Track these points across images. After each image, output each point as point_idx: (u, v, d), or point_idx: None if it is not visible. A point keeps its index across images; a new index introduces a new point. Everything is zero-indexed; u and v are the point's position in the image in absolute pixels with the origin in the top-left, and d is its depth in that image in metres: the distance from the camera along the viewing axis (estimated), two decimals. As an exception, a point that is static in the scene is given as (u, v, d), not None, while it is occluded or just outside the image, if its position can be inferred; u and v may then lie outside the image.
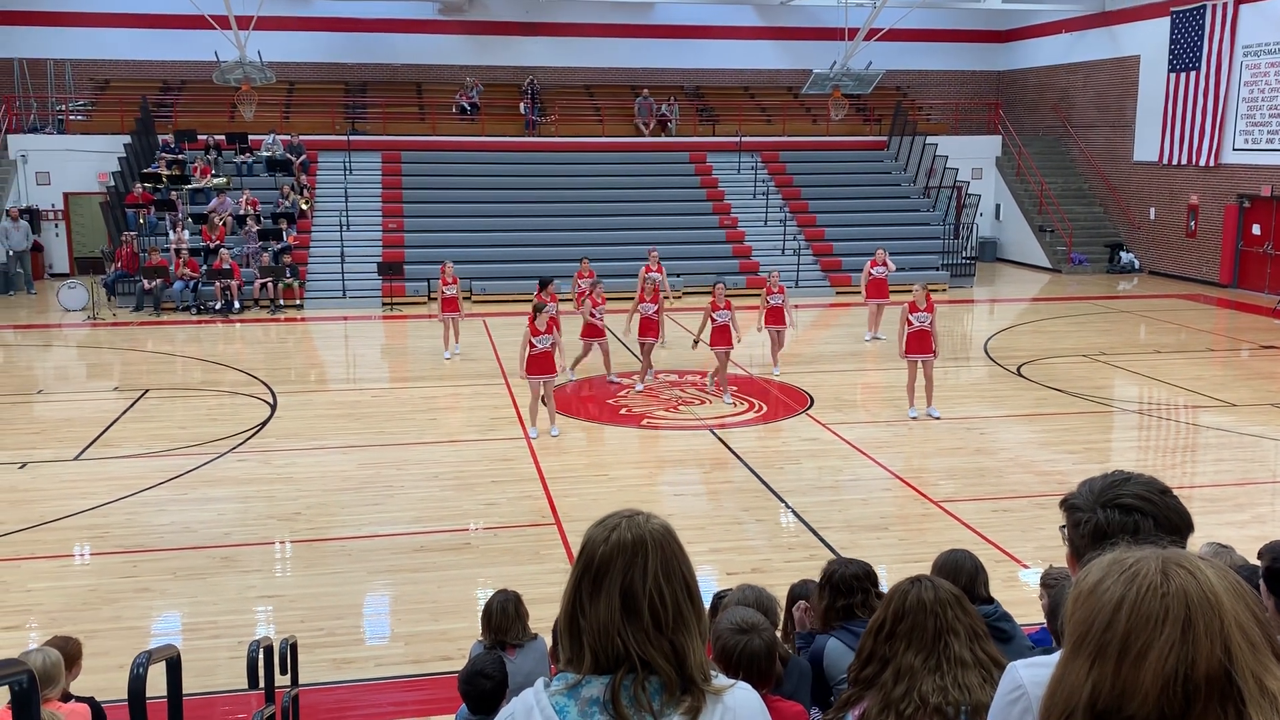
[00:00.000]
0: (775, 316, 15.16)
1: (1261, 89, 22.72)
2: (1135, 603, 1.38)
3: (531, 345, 12.19)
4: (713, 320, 13.72)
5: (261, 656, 5.51)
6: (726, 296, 13.96)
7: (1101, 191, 28.44)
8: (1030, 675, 1.92)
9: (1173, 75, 24.94)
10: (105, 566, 8.65)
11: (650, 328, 14.41)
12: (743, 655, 3.21)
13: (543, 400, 12.39)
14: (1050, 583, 4.54)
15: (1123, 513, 2.07)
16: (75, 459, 11.51)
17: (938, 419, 12.91)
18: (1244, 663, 1.34)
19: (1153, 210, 26.39)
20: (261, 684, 5.57)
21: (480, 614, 5.42)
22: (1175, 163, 25.19)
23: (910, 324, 12.83)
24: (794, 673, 3.69)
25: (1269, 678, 1.35)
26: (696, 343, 14.50)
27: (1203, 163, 24.27)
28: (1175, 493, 2.14)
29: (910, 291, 13.27)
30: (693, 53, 30.35)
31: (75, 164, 24.95)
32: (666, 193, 26.09)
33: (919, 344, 12.85)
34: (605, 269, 21.33)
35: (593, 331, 14.62)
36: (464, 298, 15.83)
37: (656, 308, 14.40)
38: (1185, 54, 24.56)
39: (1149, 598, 1.38)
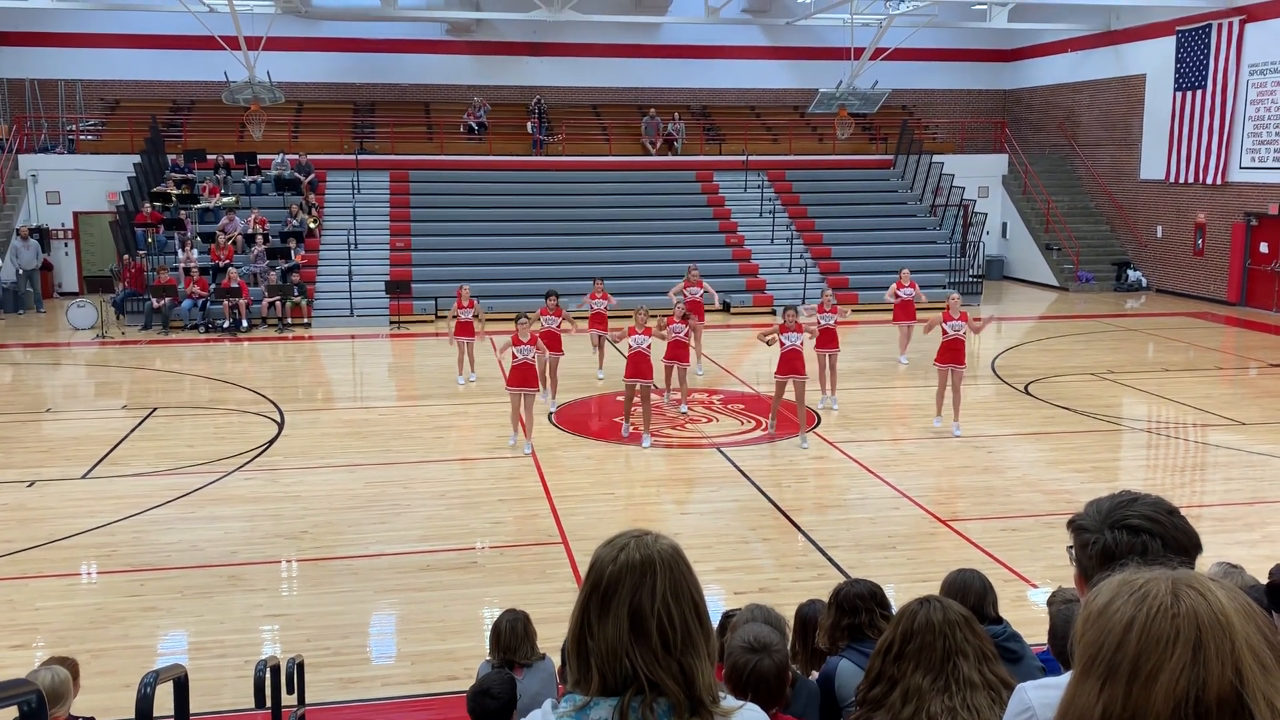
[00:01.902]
0: (828, 339, 14.07)
1: (1268, 107, 22.73)
2: (1146, 624, 1.38)
3: (513, 356, 12.21)
4: (781, 344, 12.45)
5: (268, 676, 5.50)
6: (798, 321, 12.51)
7: (1108, 209, 28.44)
8: (1039, 697, 1.91)
9: (1179, 94, 24.96)
10: (112, 585, 8.65)
11: (633, 362, 12.74)
12: (752, 675, 3.17)
13: (523, 413, 12.36)
14: (1052, 602, 4.52)
15: (1130, 534, 2.06)
16: (83, 477, 11.53)
17: (958, 436, 12.92)
18: (1255, 684, 1.34)
19: (1159, 228, 26.38)
20: (268, 703, 5.56)
21: (488, 633, 5.41)
22: (1182, 181, 25.19)
23: (945, 332, 12.98)
24: (802, 693, 3.67)
25: (1280, 700, 1.34)
26: (770, 339, 12.82)
27: (1209, 181, 24.27)
28: (1184, 512, 2.13)
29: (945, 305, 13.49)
30: (699, 72, 30.47)
31: (85, 183, 25.10)
32: (673, 211, 26.15)
33: (950, 353, 12.96)
34: (612, 287, 21.37)
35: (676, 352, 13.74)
36: (478, 317, 15.72)
37: (649, 342, 12.73)
38: (1191, 73, 24.59)
39: (1159, 619, 1.38)
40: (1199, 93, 24.32)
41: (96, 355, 19.00)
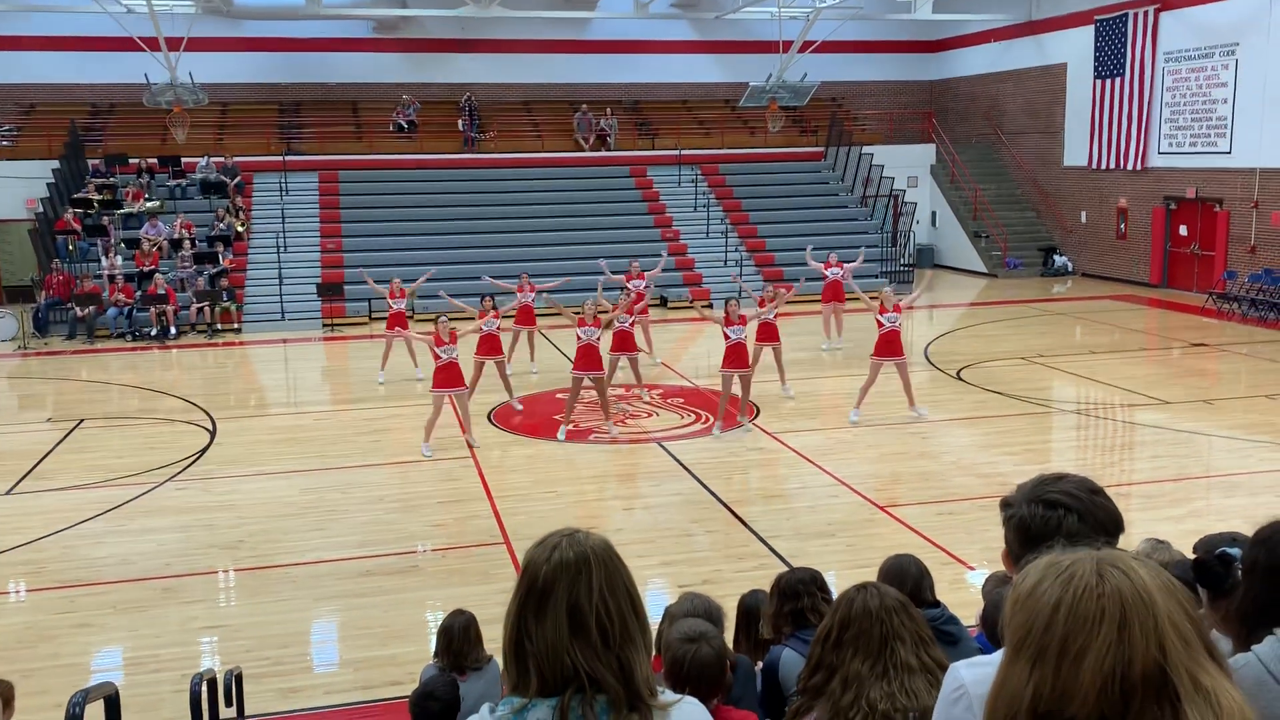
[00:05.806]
0: (768, 333, 14.36)
1: (1183, 94, 23.34)
2: (1072, 604, 1.41)
3: (436, 356, 12.13)
4: (726, 337, 12.67)
5: (205, 689, 5.40)
6: (741, 314, 12.91)
7: (1034, 197, 29.00)
8: (971, 675, 1.95)
9: (1098, 82, 25.54)
10: (41, 603, 8.42)
11: (583, 355, 12.72)
12: (693, 664, 3.22)
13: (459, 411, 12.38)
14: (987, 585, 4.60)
15: (1047, 508, 2.12)
16: (7, 493, 11.20)
17: (924, 416, 13.11)
18: (1178, 660, 1.37)
19: (1084, 214, 26.97)
20: (205, 718, 5.46)
21: (434, 636, 5.36)
22: (1104, 167, 25.78)
23: (881, 325, 12.94)
24: (740, 674, 3.71)
25: (1202, 674, 1.38)
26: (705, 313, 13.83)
27: (1130, 166, 24.86)
28: (1113, 491, 2.18)
29: (878, 296, 13.45)
30: (630, 67, 30.46)
31: (1, 190, 24.35)
32: (608, 206, 26.14)
33: (888, 347, 12.95)
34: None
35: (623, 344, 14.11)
36: (410, 315, 15.41)
37: (598, 334, 12.78)
38: (1109, 61, 25.17)
39: (1085, 599, 1.40)
40: (1118, 80, 24.91)
41: (19, 367, 18.47)
